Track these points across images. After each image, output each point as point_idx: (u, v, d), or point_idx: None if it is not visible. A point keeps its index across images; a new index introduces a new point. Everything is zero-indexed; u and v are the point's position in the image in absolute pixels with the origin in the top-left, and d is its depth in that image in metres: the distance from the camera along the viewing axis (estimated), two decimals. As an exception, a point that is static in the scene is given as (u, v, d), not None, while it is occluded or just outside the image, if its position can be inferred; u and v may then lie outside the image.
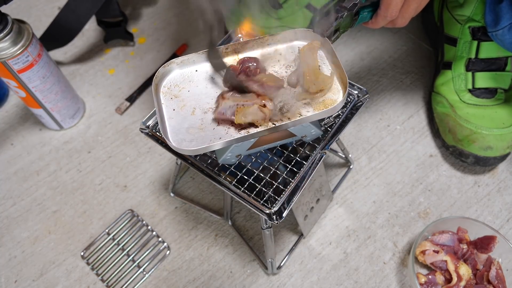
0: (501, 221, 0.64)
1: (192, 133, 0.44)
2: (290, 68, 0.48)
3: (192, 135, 0.43)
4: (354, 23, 0.50)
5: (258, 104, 0.42)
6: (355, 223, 0.64)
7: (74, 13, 0.75)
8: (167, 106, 0.46)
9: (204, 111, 0.46)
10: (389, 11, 0.48)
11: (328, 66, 0.47)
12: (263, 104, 0.42)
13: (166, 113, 0.45)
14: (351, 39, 0.84)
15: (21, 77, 0.63)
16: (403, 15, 0.49)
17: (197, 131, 0.44)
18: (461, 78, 0.67)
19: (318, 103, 0.45)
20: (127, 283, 0.61)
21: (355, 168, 0.69)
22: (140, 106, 0.78)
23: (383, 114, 0.75)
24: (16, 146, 0.74)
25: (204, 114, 0.45)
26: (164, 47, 0.86)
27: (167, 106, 0.46)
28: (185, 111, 0.45)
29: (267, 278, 0.60)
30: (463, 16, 0.67)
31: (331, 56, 0.47)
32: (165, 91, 0.47)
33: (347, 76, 0.44)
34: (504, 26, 0.60)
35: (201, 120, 0.45)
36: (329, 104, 0.44)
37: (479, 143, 0.63)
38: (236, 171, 0.49)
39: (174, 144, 0.42)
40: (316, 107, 0.44)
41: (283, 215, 0.45)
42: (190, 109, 0.46)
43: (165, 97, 0.47)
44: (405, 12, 0.49)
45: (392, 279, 0.60)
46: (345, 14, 0.47)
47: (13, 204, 0.68)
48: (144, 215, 0.66)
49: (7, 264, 0.63)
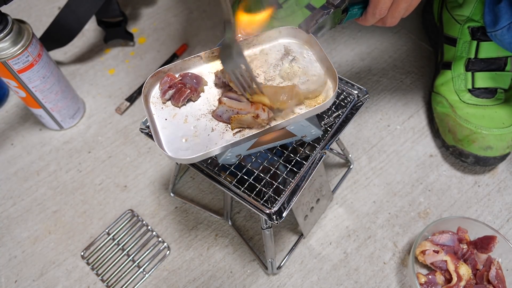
0: (501, 221, 0.64)
1: (187, 141, 0.44)
2: (278, 67, 0.48)
3: (188, 143, 0.44)
4: (343, 20, 0.49)
5: (251, 115, 0.43)
6: (355, 223, 0.64)
7: (74, 13, 0.75)
8: (158, 116, 0.46)
9: (196, 118, 0.46)
10: (378, 9, 0.47)
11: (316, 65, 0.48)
12: (256, 115, 0.43)
13: (158, 123, 0.45)
14: (351, 39, 0.84)
15: (21, 77, 0.63)
16: (393, 14, 0.49)
17: (192, 138, 0.44)
18: (461, 78, 0.67)
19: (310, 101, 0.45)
20: (127, 283, 0.61)
21: (355, 168, 0.69)
22: (140, 106, 0.78)
23: (383, 114, 0.75)
24: (16, 146, 0.74)
25: (197, 121, 0.45)
26: (164, 47, 0.86)
27: (158, 116, 0.46)
28: (178, 120, 0.46)
29: (267, 278, 0.60)
30: (462, 16, 0.67)
31: (317, 52, 0.47)
32: (155, 101, 0.47)
33: (335, 70, 0.44)
34: (503, 26, 0.60)
35: (195, 127, 0.45)
36: (321, 100, 0.45)
37: (479, 143, 0.63)
38: (236, 171, 0.49)
39: (171, 154, 0.42)
40: (308, 104, 0.45)
41: (283, 215, 0.45)
42: (182, 117, 0.46)
43: (155, 107, 0.47)
44: (395, 11, 0.48)
45: (392, 279, 0.60)
46: (331, 11, 0.47)
47: (13, 204, 0.68)
48: (144, 215, 0.66)
49: (7, 264, 0.63)
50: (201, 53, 0.49)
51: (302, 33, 0.48)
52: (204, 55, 0.49)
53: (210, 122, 0.45)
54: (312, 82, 0.46)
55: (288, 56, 0.48)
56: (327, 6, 0.47)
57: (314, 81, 0.46)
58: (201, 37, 0.87)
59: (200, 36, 0.87)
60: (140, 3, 0.93)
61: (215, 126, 0.45)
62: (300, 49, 0.49)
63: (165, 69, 0.48)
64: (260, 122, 0.43)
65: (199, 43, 0.86)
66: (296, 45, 0.50)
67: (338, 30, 0.85)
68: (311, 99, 0.46)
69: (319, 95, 0.46)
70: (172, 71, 0.48)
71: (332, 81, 0.46)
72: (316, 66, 0.47)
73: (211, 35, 0.87)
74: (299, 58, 0.48)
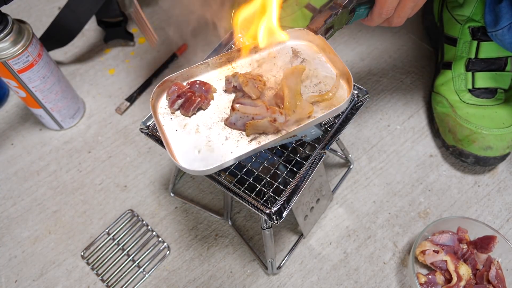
0: (501, 221, 0.64)
1: (200, 152, 0.42)
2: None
3: (201, 154, 0.42)
4: (350, 20, 0.49)
5: (268, 119, 0.41)
6: (355, 223, 0.64)
7: (74, 13, 0.75)
8: (168, 128, 0.44)
9: (208, 127, 0.44)
10: (384, 9, 0.47)
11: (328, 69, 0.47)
12: (273, 119, 0.41)
13: (169, 135, 0.43)
14: (351, 39, 0.84)
15: (21, 77, 0.63)
16: (399, 14, 0.48)
17: (205, 149, 0.42)
18: (461, 78, 0.67)
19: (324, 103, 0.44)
20: (127, 283, 0.61)
21: (355, 168, 0.69)
22: (140, 106, 0.78)
23: (383, 114, 0.75)
24: (16, 146, 0.74)
25: (209, 130, 0.44)
26: (164, 47, 0.86)
27: (168, 128, 0.44)
28: (189, 130, 0.44)
29: (267, 278, 0.60)
30: (462, 16, 0.67)
31: (328, 54, 0.47)
32: (163, 111, 0.45)
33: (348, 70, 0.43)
34: (504, 26, 0.60)
35: (207, 137, 0.43)
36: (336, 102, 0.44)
37: (479, 143, 0.63)
38: (236, 171, 0.49)
39: (186, 166, 0.41)
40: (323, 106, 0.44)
41: (283, 215, 0.45)
42: (193, 127, 0.44)
43: (164, 118, 0.45)
44: (401, 11, 0.48)
45: (392, 279, 0.60)
46: (339, 12, 0.46)
47: (13, 204, 0.68)
48: (144, 215, 0.66)
49: (7, 264, 0.63)
50: (208, 60, 0.48)
51: (309, 35, 0.47)
52: (211, 62, 0.48)
53: (223, 130, 0.44)
54: (325, 84, 0.45)
55: (298, 58, 0.47)
56: (335, 7, 0.46)
57: (327, 83, 0.45)
58: (201, 37, 0.87)
59: (200, 36, 0.87)
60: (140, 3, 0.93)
61: (228, 135, 0.43)
62: (309, 51, 0.48)
63: (172, 78, 0.46)
64: (278, 126, 0.41)
65: (199, 43, 0.86)
66: (304, 47, 0.49)
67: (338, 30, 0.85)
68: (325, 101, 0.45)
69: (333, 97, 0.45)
70: (179, 79, 0.47)
71: (345, 82, 0.45)
72: (327, 67, 0.47)
73: (211, 35, 0.87)
74: (309, 60, 0.47)
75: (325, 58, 0.47)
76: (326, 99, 0.44)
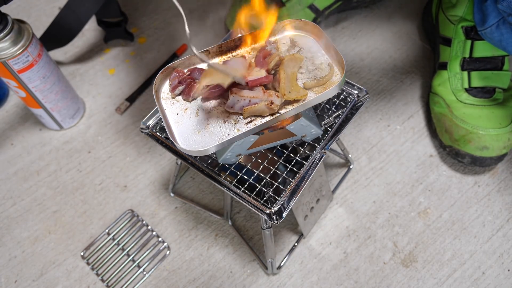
0: (501, 221, 0.64)
1: (200, 133, 0.44)
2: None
3: (200, 135, 0.44)
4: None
5: (265, 102, 0.43)
6: (355, 223, 0.64)
7: (74, 13, 0.75)
8: (170, 111, 0.46)
9: (207, 111, 0.46)
10: None
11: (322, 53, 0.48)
12: (270, 102, 0.43)
13: (170, 119, 0.46)
14: (351, 39, 0.84)
15: (21, 77, 0.63)
16: None
17: (204, 131, 0.44)
18: (457, 78, 0.67)
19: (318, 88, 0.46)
20: (127, 283, 0.61)
21: (355, 168, 0.69)
22: (140, 106, 0.78)
23: (383, 114, 0.75)
24: (16, 146, 0.74)
25: (208, 114, 0.45)
26: (164, 47, 0.86)
27: (170, 111, 0.46)
28: (189, 114, 0.46)
29: (267, 278, 0.60)
30: (455, 16, 0.68)
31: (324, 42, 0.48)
32: (165, 96, 0.47)
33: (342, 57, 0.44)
34: (492, 24, 0.60)
35: (207, 120, 0.45)
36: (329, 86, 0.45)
37: (475, 143, 0.63)
38: (236, 171, 0.49)
39: (184, 146, 0.43)
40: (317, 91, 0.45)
41: (283, 215, 0.45)
42: (193, 111, 0.46)
43: (166, 102, 0.47)
44: None
45: (392, 279, 0.60)
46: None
47: (13, 204, 0.68)
48: (144, 215, 0.66)
49: (7, 264, 0.63)
50: (209, 48, 0.49)
51: (308, 25, 0.49)
52: (212, 50, 0.49)
53: (222, 114, 0.46)
54: (320, 70, 0.46)
55: (295, 48, 0.49)
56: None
57: (322, 68, 0.46)
58: (201, 37, 0.87)
59: (200, 36, 0.87)
60: (140, 3, 0.93)
61: (226, 118, 0.45)
62: (306, 40, 0.50)
63: (174, 65, 0.48)
64: (274, 108, 0.43)
65: (199, 43, 0.86)
66: (301, 37, 0.50)
67: (338, 30, 0.85)
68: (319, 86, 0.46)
69: (327, 82, 0.46)
70: (181, 66, 0.48)
71: (339, 67, 0.46)
72: (322, 54, 0.48)
73: (211, 35, 0.87)
74: (305, 48, 0.49)
75: (321, 46, 0.48)
76: (321, 83, 0.46)
